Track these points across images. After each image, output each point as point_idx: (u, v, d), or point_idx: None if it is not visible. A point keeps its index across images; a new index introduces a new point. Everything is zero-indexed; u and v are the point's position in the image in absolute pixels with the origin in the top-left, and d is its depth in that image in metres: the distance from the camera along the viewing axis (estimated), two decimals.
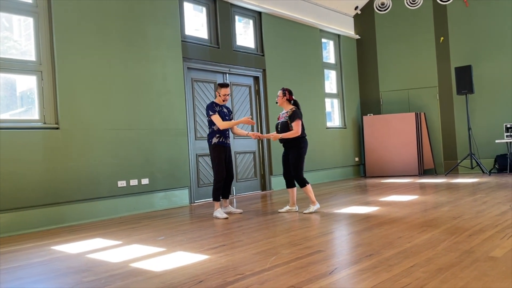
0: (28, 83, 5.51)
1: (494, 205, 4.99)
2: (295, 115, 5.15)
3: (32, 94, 5.45)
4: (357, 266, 2.84)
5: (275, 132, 5.34)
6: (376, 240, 3.56)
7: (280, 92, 5.32)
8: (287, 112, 5.23)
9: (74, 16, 5.63)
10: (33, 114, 5.41)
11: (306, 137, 5.28)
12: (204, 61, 7.34)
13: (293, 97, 5.35)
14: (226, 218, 5.19)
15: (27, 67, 5.27)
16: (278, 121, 5.32)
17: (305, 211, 5.23)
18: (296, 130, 5.11)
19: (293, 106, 5.26)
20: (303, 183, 5.19)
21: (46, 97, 5.39)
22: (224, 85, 5.37)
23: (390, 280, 2.50)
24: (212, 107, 5.28)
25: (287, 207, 5.42)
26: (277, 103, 5.36)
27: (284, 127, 5.18)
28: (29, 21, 5.40)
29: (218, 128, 5.26)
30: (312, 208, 5.23)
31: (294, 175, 5.20)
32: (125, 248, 3.86)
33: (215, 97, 5.45)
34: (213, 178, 5.34)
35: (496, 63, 9.35)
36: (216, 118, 5.24)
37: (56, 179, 5.32)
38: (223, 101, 5.39)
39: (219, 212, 5.25)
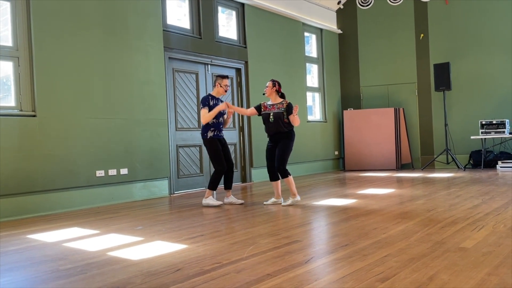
0: (4, 69, 5.39)
1: (467, 199, 5.13)
2: (290, 106, 5.22)
3: (9, 81, 5.33)
4: (332, 256, 2.91)
5: (272, 119, 5.21)
6: (352, 231, 3.64)
7: (270, 83, 5.33)
8: (281, 104, 5.23)
9: (53, 2, 5.51)
10: (10, 101, 5.30)
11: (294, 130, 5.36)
12: (186, 52, 7.29)
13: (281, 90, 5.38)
14: (220, 205, 5.31)
15: (3, 53, 5.14)
16: (268, 112, 5.26)
17: (283, 203, 5.28)
18: (298, 118, 5.20)
19: (284, 100, 5.29)
20: (285, 174, 5.19)
21: (23, 83, 5.28)
22: (225, 76, 5.51)
23: (363, 269, 2.56)
24: (206, 100, 5.33)
25: (273, 199, 5.40)
26: (264, 94, 5.36)
27: (279, 118, 5.18)
28: (6, 5, 5.27)
29: (215, 121, 5.32)
30: (291, 200, 5.26)
31: (277, 165, 5.18)
32: (102, 237, 3.84)
33: (213, 88, 5.48)
34: (215, 169, 5.38)
35: (474, 61, 9.56)
36: (203, 112, 5.29)
37: (32, 167, 5.23)
38: (225, 91, 5.46)
39: (212, 200, 5.35)
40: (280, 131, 5.21)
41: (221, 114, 5.40)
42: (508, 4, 9.25)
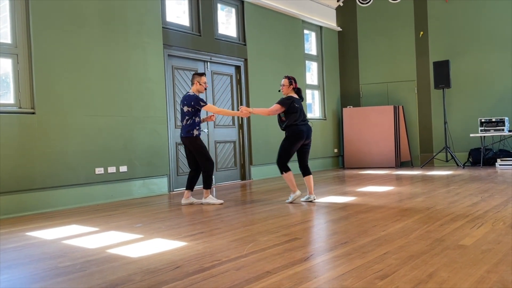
0: (3, 67, 5.37)
1: (466, 196, 5.13)
2: (279, 101, 5.18)
3: (8, 78, 5.32)
4: (332, 253, 2.91)
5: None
6: (351, 228, 3.64)
7: (286, 81, 5.21)
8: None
9: None
10: (9, 98, 5.29)
11: (298, 126, 5.09)
12: (185, 49, 7.28)
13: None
14: (222, 203, 5.34)
15: (2, 50, 5.13)
16: None
17: (287, 201, 5.27)
18: (269, 109, 5.16)
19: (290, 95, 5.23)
20: (281, 170, 5.20)
21: (22, 80, 5.27)
22: (202, 74, 5.45)
23: (363, 266, 2.56)
24: (200, 99, 5.27)
25: (307, 196, 5.31)
26: (279, 91, 5.32)
27: (278, 115, 5.22)
28: (5, 3, 5.24)
29: (199, 120, 5.30)
30: (291, 197, 5.21)
31: (276, 159, 5.22)
32: (101, 234, 3.84)
33: (192, 86, 5.38)
34: (204, 168, 5.30)
35: (473, 59, 9.55)
36: (211, 106, 5.32)
37: (31, 165, 5.23)
38: (204, 89, 5.42)
39: (211, 199, 5.37)
40: (283, 129, 5.24)
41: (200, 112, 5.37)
42: (508, 2, 9.23)
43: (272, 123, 8.81)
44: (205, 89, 5.44)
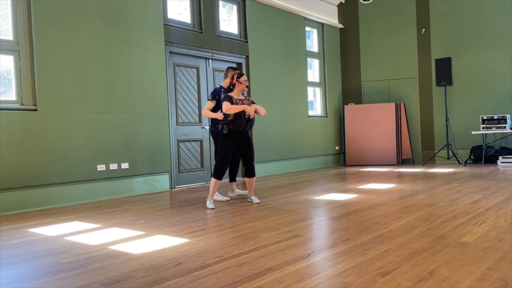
0: (5, 63, 5.38)
1: (467, 194, 5.14)
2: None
3: (10, 75, 5.32)
4: (333, 250, 2.91)
5: (248, 115, 4.93)
6: (353, 225, 3.64)
7: (245, 78, 5.06)
8: (247, 99, 5.03)
9: None
10: (11, 95, 5.30)
11: None
12: (187, 46, 7.27)
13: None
14: (228, 200, 5.38)
15: (3, 47, 5.13)
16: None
17: (254, 201, 5.14)
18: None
19: (244, 96, 5.11)
20: (254, 173, 5.09)
21: (24, 77, 5.27)
22: (237, 69, 5.49)
23: (364, 263, 2.57)
24: (213, 93, 5.37)
25: (240, 193, 5.43)
26: (247, 86, 5.16)
27: (247, 121, 4.99)
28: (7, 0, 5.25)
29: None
30: (257, 198, 5.22)
31: (252, 163, 5.04)
32: (104, 231, 3.85)
33: (224, 79, 5.51)
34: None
35: (475, 56, 9.53)
36: (209, 104, 5.32)
37: (33, 161, 5.24)
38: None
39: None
40: (249, 129, 5.03)
41: None
42: (509, 1, 9.21)
43: (272, 121, 8.82)
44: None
